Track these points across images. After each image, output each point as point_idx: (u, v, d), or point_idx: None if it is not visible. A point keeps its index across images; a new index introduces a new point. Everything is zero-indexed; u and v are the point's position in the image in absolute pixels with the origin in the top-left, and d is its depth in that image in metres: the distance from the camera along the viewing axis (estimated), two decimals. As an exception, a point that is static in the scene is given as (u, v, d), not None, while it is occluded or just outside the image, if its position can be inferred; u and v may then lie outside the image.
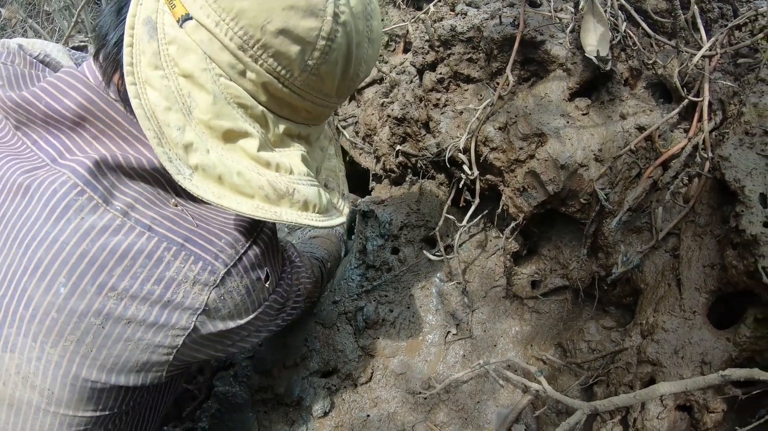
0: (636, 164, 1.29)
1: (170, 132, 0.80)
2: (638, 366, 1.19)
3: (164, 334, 0.90)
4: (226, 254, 0.93)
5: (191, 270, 0.90)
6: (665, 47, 1.35)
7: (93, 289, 0.85)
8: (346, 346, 1.49)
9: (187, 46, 0.82)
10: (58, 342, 0.86)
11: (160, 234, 0.89)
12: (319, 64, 0.86)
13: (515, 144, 1.33)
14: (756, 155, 1.11)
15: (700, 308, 1.17)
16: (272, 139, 0.90)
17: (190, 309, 0.90)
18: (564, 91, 1.34)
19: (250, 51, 0.81)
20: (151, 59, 0.82)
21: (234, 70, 0.83)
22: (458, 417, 1.41)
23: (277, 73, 0.84)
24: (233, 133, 0.85)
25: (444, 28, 1.44)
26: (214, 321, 0.94)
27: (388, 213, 1.58)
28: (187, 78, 0.82)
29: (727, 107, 1.25)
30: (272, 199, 0.86)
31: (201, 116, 0.83)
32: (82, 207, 0.85)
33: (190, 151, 0.82)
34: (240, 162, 0.85)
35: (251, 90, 0.86)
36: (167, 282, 0.88)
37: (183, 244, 0.90)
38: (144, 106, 0.80)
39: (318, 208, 0.92)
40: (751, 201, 1.07)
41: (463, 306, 1.50)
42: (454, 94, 1.49)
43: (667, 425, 1.12)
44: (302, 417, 1.46)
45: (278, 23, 0.79)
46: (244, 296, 0.97)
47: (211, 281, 0.91)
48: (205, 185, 0.83)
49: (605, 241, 1.30)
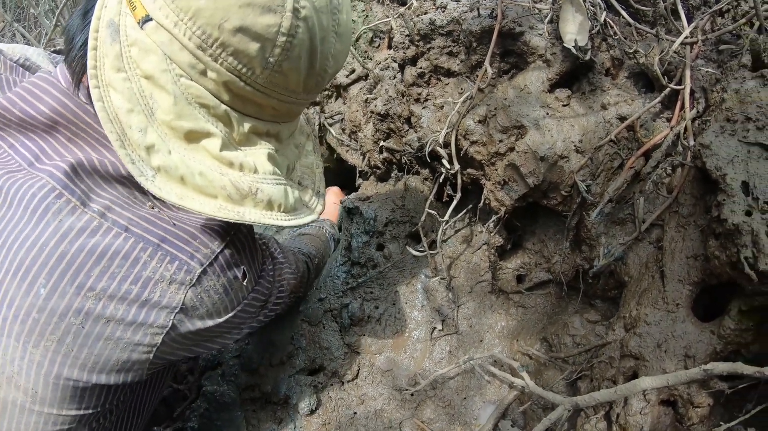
0: (618, 155, 1.27)
1: (132, 134, 0.81)
2: (621, 360, 1.17)
3: (143, 333, 0.91)
4: (201, 253, 0.94)
5: (167, 270, 0.90)
6: (647, 36, 1.33)
7: (72, 290, 0.86)
8: (332, 344, 1.49)
9: (148, 47, 0.82)
10: (40, 342, 0.87)
11: (137, 234, 0.90)
12: (280, 61, 0.85)
13: (495, 137, 1.31)
14: (738, 142, 1.09)
15: (684, 300, 1.15)
16: (237, 138, 0.90)
17: (167, 308, 0.91)
18: (544, 82, 1.32)
19: (209, 50, 0.81)
20: (113, 62, 0.82)
21: (194, 70, 0.83)
22: (445, 413, 1.40)
23: (238, 71, 0.83)
24: (195, 133, 0.85)
25: (423, 22, 1.42)
26: (192, 319, 0.95)
27: (372, 209, 1.57)
28: (149, 79, 0.82)
29: (709, 95, 1.22)
30: (235, 198, 0.86)
31: (163, 117, 0.83)
32: (60, 209, 0.86)
33: (152, 153, 0.82)
34: (203, 162, 0.85)
35: (213, 89, 0.85)
36: (144, 282, 0.89)
37: (159, 244, 0.90)
38: (107, 108, 0.81)
39: (284, 206, 0.92)
40: (733, 189, 1.04)
41: (448, 301, 1.49)
42: (434, 88, 1.47)
43: (650, 420, 1.10)
44: (289, 416, 1.46)
45: (235, 21, 0.79)
46: (222, 295, 0.98)
47: (188, 280, 0.92)
48: (168, 186, 0.83)
49: (588, 234, 1.28)
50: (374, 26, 1.71)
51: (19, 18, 2.77)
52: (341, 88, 1.82)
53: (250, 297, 1.07)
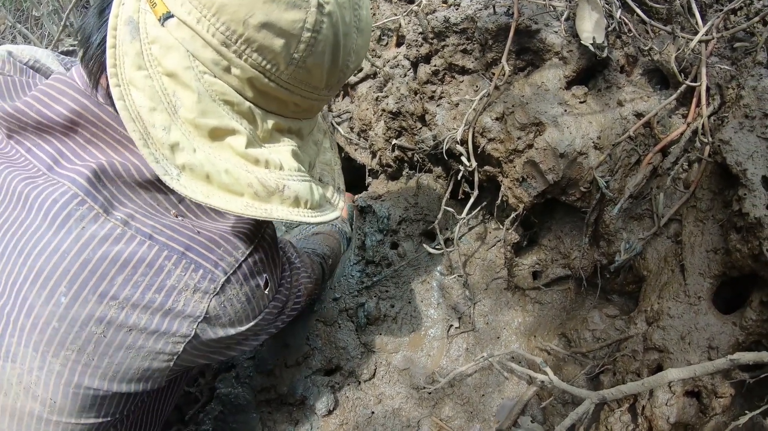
0: (635, 151, 1.28)
1: (156, 132, 0.79)
2: (645, 353, 1.18)
3: (165, 341, 0.90)
4: (225, 262, 0.93)
5: (192, 279, 0.89)
6: (661, 33, 1.35)
7: (94, 298, 0.84)
8: (348, 343, 1.48)
9: (170, 44, 0.80)
10: (60, 351, 0.85)
11: (161, 242, 0.88)
12: (305, 57, 0.84)
13: (513, 134, 1.32)
14: (757, 138, 1.11)
15: (705, 293, 1.16)
16: (261, 135, 0.89)
17: (190, 317, 0.90)
18: (561, 79, 1.34)
19: (233, 47, 0.79)
20: (134, 60, 0.80)
21: (218, 67, 0.81)
22: (464, 411, 1.40)
23: (263, 67, 0.82)
24: (220, 130, 0.83)
25: (437, 20, 1.42)
26: (214, 328, 0.94)
27: (386, 208, 1.57)
28: (171, 77, 0.81)
29: (725, 91, 1.24)
30: (262, 196, 0.84)
31: (186, 115, 0.81)
32: (82, 216, 0.85)
33: (176, 151, 0.80)
34: (228, 160, 0.83)
35: (237, 86, 0.84)
36: (168, 291, 0.88)
37: (184, 253, 0.89)
38: (129, 107, 0.79)
39: (310, 203, 0.90)
40: (754, 184, 1.07)
41: (464, 299, 1.49)
42: (449, 85, 1.48)
43: (675, 411, 1.11)
44: (306, 416, 1.45)
45: (260, 17, 0.78)
46: (244, 303, 0.97)
47: (211, 289, 0.91)
48: (193, 185, 0.81)
49: (606, 229, 1.29)
50: (382, 24, 1.71)
51: (20, 20, 2.72)
52: (349, 86, 1.81)
53: (271, 305, 1.06)
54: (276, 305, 1.08)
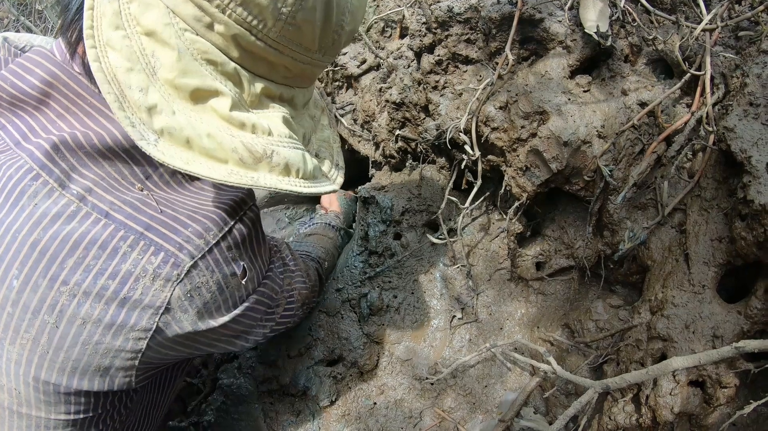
0: (639, 140, 1.28)
1: (132, 94, 0.73)
2: (649, 342, 1.18)
3: (125, 337, 0.83)
4: (192, 244, 0.85)
5: (150, 263, 0.82)
6: (665, 23, 1.34)
7: (44, 283, 0.79)
8: (350, 334, 1.48)
9: (149, 1, 0.75)
10: (15, 339, 0.81)
11: (118, 221, 0.82)
12: (294, 12, 0.77)
13: (517, 123, 1.32)
14: (761, 125, 1.10)
15: (710, 282, 1.16)
16: (248, 100, 0.82)
17: (150, 308, 0.83)
18: (564, 68, 1.33)
19: (216, 1, 0.74)
20: (111, 19, 0.75)
21: (200, 23, 0.76)
22: (466, 402, 1.40)
23: (248, 23, 0.76)
24: (202, 91, 0.77)
25: (441, 9, 1.42)
26: (180, 322, 0.87)
27: (389, 198, 1.56)
28: (150, 36, 0.75)
29: (729, 80, 1.23)
30: (248, 162, 0.78)
31: (166, 75, 0.75)
32: (36, 192, 0.80)
33: (154, 114, 0.74)
34: (211, 123, 0.77)
35: (221, 45, 0.78)
36: (123, 277, 0.81)
37: (142, 233, 0.82)
38: (104, 69, 0.73)
39: (302, 172, 0.83)
40: (758, 171, 1.06)
41: (467, 289, 1.49)
42: (452, 75, 1.47)
43: (680, 401, 1.11)
44: (308, 407, 1.45)
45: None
46: (215, 293, 0.89)
47: (174, 275, 0.83)
48: (172, 150, 0.75)
49: (610, 219, 1.28)
50: (385, 16, 1.71)
51: (23, 13, 2.73)
52: (352, 78, 1.81)
53: (251, 300, 0.98)
54: (260, 300, 1.01)
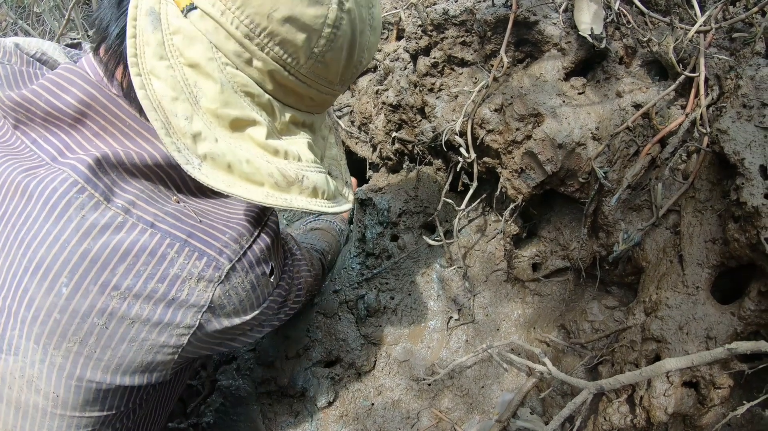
0: (634, 142, 1.28)
1: (178, 122, 0.80)
2: (643, 343, 1.18)
3: (169, 333, 0.89)
4: (230, 249, 0.92)
5: (195, 267, 0.88)
6: (659, 25, 1.35)
7: (95, 289, 0.84)
8: (348, 335, 1.49)
9: (193, 35, 0.82)
10: (61, 343, 0.85)
11: (163, 230, 0.88)
12: (324, 52, 0.86)
13: (512, 125, 1.32)
14: (754, 127, 1.11)
15: (703, 283, 1.16)
16: (279, 127, 0.91)
17: (195, 307, 0.89)
18: (559, 70, 1.34)
19: (256, 39, 0.81)
20: (155, 50, 0.81)
21: (240, 59, 0.83)
22: (463, 403, 1.41)
23: (284, 60, 0.84)
24: (241, 121, 0.85)
25: (437, 12, 1.42)
26: (219, 318, 0.93)
27: (386, 200, 1.57)
28: (193, 68, 0.82)
29: (723, 82, 1.24)
30: (282, 186, 0.86)
31: (208, 105, 0.82)
32: (83, 205, 0.84)
33: (198, 141, 0.81)
34: (249, 150, 0.85)
35: (258, 78, 0.86)
36: (171, 280, 0.87)
37: (186, 240, 0.89)
38: (150, 96, 0.79)
39: (327, 194, 0.93)
40: (752, 173, 1.06)
41: (464, 291, 1.49)
42: (448, 78, 1.48)
43: (673, 402, 1.11)
44: (306, 408, 1.46)
45: (284, 11, 0.80)
46: (249, 291, 0.96)
47: (216, 277, 0.90)
48: (215, 174, 0.82)
49: (605, 220, 1.29)
50: (383, 18, 1.71)
51: (21, 16, 2.74)
52: (349, 80, 1.81)
53: (275, 293, 1.06)
54: (280, 293, 1.08)
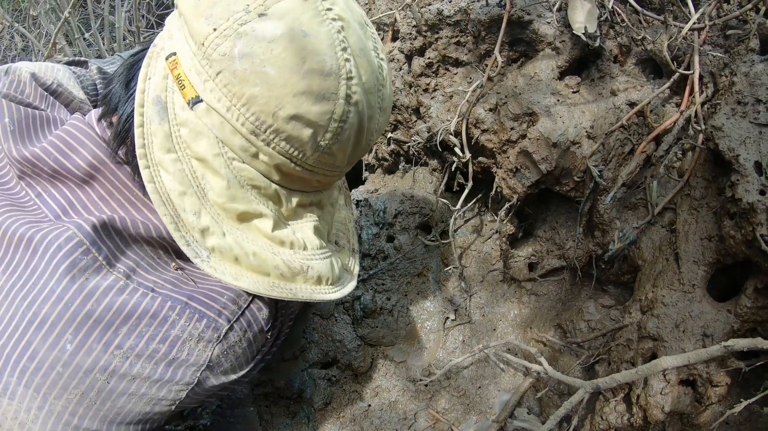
0: (629, 140, 1.28)
1: (186, 217, 0.83)
2: (639, 342, 1.18)
3: (168, 389, 0.90)
4: (229, 310, 0.93)
5: (195, 328, 0.90)
6: (654, 23, 1.35)
7: (99, 347, 0.85)
8: (344, 336, 1.48)
9: (199, 129, 0.83)
10: (62, 394, 0.86)
11: (164, 295, 0.89)
12: (331, 144, 0.86)
13: (506, 124, 1.32)
14: (749, 124, 1.10)
15: (700, 281, 1.16)
16: (286, 214, 0.92)
17: (194, 366, 0.91)
18: (553, 69, 1.34)
19: (262, 135, 0.81)
20: (163, 142, 0.83)
21: (246, 153, 0.84)
22: (460, 403, 1.40)
23: (290, 154, 0.84)
24: (248, 214, 0.87)
25: (431, 12, 1.43)
26: (216, 375, 0.95)
27: (381, 201, 1.57)
28: (201, 161, 0.84)
29: (718, 79, 1.24)
30: (287, 276, 0.89)
31: (216, 199, 0.84)
32: (86, 267, 0.85)
33: (206, 235, 0.84)
34: (255, 241, 0.87)
35: (264, 171, 0.86)
36: (172, 341, 0.89)
37: (187, 303, 0.90)
38: (159, 190, 0.82)
39: (331, 280, 0.95)
40: (746, 169, 1.06)
41: (460, 291, 1.49)
42: (443, 78, 1.48)
43: (670, 400, 1.11)
44: (303, 410, 1.45)
45: (290, 109, 0.79)
46: (245, 349, 0.98)
47: (215, 337, 0.91)
48: (222, 266, 0.85)
49: (601, 219, 1.29)
50: (377, 19, 1.71)
51: (18, 19, 2.75)
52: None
53: (268, 343, 1.07)
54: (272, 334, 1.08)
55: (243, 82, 0.78)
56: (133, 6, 2.29)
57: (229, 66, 0.78)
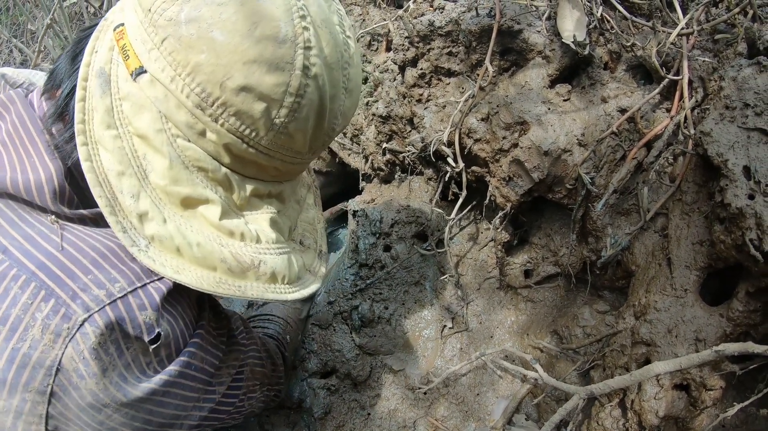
0: (620, 146, 1.29)
1: (124, 199, 0.73)
2: (633, 347, 1.18)
3: (21, 397, 0.72)
4: (89, 294, 0.74)
5: (39, 310, 0.72)
6: (643, 29, 1.36)
7: None
8: (343, 346, 1.49)
9: (141, 103, 0.75)
10: None
11: (14, 257, 0.74)
12: (287, 122, 0.78)
13: (498, 134, 1.33)
14: (737, 128, 1.11)
15: (692, 286, 1.16)
16: (238, 203, 0.83)
17: (41, 367, 0.72)
18: (544, 78, 1.35)
19: (209, 110, 0.74)
20: (103, 117, 0.75)
21: (192, 131, 0.76)
22: (459, 411, 1.41)
23: (241, 133, 0.76)
24: (192, 199, 0.78)
25: (422, 24, 1.44)
26: (78, 389, 0.74)
27: (378, 211, 1.58)
28: (143, 138, 0.75)
29: (707, 84, 1.24)
30: (236, 272, 0.79)
31: (157, 181, 0.76)
32: None
33: (145, 221, 0.74)
34: (200, 231, 0.78)
35: (212, 151, 0.78)
36: (13, 323, 0.71)
37: (34, 272, 0.73)
38: (96, 169, 0.73)
39: (288, 278, 0.85)
40: (735, 174, 1.06)
41: (457, 299, 1.50)
42: (436, 88, 1.49)
43: (664, 405, 1.11)
44: (303, 419, 1.46)
45: (239, 79, 0.72)
46: (114, 357, 0.76)
47: (65, 330, 0.72)
48: (162, 257, 0.75)
49: (594, 225, 1.29)
50: (372, 30, 1.73)
51: (16, 34, 2.79)
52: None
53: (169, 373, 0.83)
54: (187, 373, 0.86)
55: (188, 48, 0.71)
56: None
57: (175, 31, 0.71)
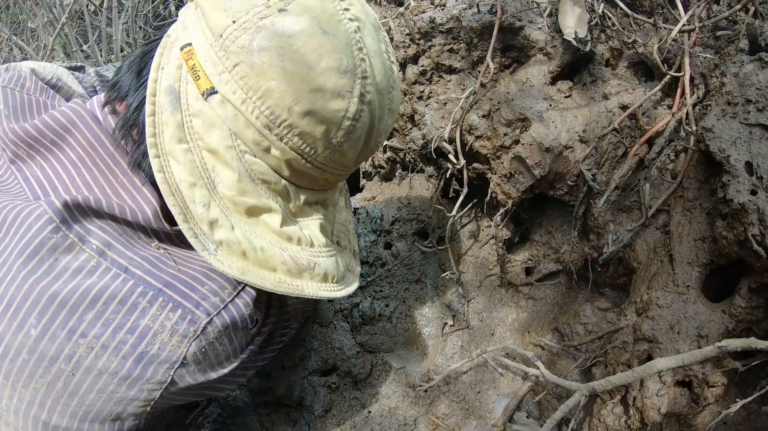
0: (621, 143, 1.28)
1: (195, 208, 0.81)
2: (635, 344, 1.18)
3: (139, 388, 0.85)
4: (209, 302, 0.88)
5: (168, 319, 0.85)
6: (644, 25, 1.36)
7: (63, 334, 0.81)
8: (343, 344, 1.49)
9: (212, 121, 0.82)
10: (29, 383, 0.82)
11: (137, 276, 0.84)
12: (342, 142, 0.86)
13: (500, 130, 1.33)
14: (739, 124, 1.11)
15: (694, 282, 1.16)
16: (293, 210, 0.91)
17: (166, 363, 0.85)
18: (545, 74, 1.35)
19: (275, 130, 0.81)
20: (174, 132, 0.81)
21: (259, 147, 0.83)
22: (459, 408, 1.40)
23: (302, 150, 0.84)
24: (257, 209, 0.86)
25: (423, 21, 1.44)
26: (193, 374, 0.89)
27: (379, 208, 1.58)
28: (212, 153, 0.83)
29: (708, 80, 1.24)
30: (294, 273, 0.87)
31: (226, 192, 0.83)
32: (56, 246, 0.82)
33: (215, 227, 0.82)
34: (263, 237, 0.86)
35: (275, 166, 0.86)
36: (142, 332, 0.83)
37: (161, 289, 0.85)
38: (168, 180, 0.80)
39: (336, 278, 0.94)
40: (737, 170, 1.06)
41: (458, 296, 1.49)
42: (437, 85, 1.49)
43: (667, 401, 1.11)
44: (304, 417, 1.46)
45: (305, 105, 0.80)
46: (227, 345, 0.92)
47: (191, 332, 0.86)
48: (230, 260, 0.83)
49: (595, 222, 1.29)
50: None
51: (16, 32, 2.79)
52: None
53: (255, 341, 1.00)
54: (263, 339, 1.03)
55: (260, 75, 0.78)
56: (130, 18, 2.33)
57: (247, 59, 0.77)
